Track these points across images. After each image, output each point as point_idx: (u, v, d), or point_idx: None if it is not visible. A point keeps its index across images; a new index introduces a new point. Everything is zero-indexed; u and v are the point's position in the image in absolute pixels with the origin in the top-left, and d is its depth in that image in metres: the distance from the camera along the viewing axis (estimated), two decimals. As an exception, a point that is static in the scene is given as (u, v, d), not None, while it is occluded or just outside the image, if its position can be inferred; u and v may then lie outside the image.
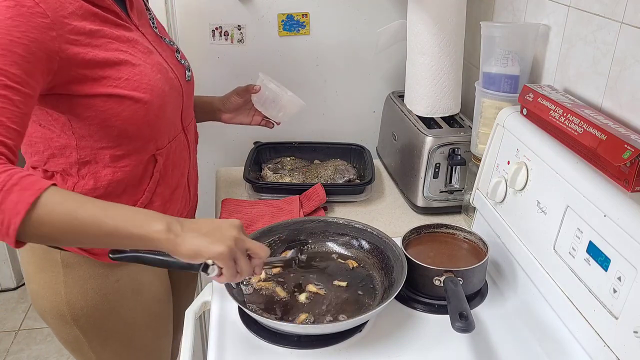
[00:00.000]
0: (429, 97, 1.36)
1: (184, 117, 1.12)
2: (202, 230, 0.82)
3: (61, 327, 1.11)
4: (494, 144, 1.13)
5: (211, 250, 0.79)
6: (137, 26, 1.03)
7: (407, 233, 1.09)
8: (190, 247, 0.79)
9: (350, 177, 1.45)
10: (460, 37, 1.33)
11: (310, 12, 1.54)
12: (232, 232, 0.83)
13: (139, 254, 1.02)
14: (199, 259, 0.80)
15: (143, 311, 1.15)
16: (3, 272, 2.71)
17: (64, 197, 0.78)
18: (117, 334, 1.14)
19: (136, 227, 0.79)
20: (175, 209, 1.14)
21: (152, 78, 0.98)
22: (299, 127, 1.67)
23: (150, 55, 1.01)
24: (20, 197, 0.74)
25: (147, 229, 0.79)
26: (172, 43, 1.14)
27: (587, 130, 0.87)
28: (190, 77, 1.14)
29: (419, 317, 1.00)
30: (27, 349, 2.39)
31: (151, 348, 1.22)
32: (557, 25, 1.11)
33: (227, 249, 0.80)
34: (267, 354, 0.92)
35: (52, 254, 1.05)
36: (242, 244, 0.83)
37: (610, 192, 0.82)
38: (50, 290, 1.07)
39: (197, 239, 0.80)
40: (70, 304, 1.07)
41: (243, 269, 0.83)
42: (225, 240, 0.81)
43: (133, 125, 0.97)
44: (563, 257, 0.90)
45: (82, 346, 1.14)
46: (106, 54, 0.92)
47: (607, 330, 0.79)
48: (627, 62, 0.92)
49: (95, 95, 0.92)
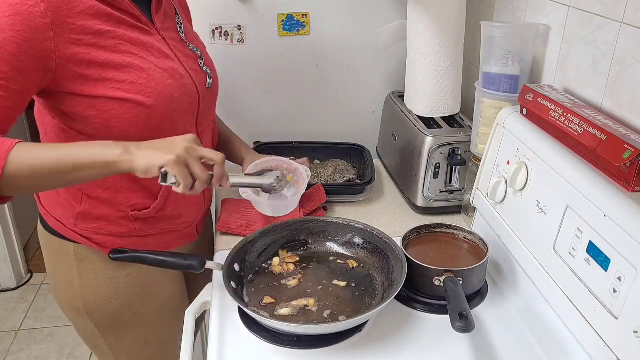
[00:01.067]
0: (429, 97, 1.36)
1: (200, 123, 1.11)
2: (155, 146, 0.89)
3: (78, 320, 1.16)
4: (494, 144, 1.13)
5: (161, 158, 0.86)
6: (158, 30, 1.04)
7: (407, 233, 1.09)
8: (144, 161, 0.86)
9: (350, 177, 1.45)
10: (460, 37, 1.33)
11: (310, 12, 1.54)
12: (184, 143, 0.89)
13: (139, 254, 1.03)
14: (153, 169, 0.86)
15: (155, 307, 1.17)
16: (3, 272, 2.71)
17: (28, 150, 0.85)
18: (131, 328, 1.16)
19: (96, 157, 0.86)
20: (189, 213, 1.16)
21: (161, 83, 0.98)
22: (299, 127, 1.68)
23: (165, 60, 1.01)
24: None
25: (106, 155, 0.86)
26: (196, 50, 1.13)
27: (587, 130, 0.87)
28: (211, 84, 1.14)
29: (419, 317, 1.00)
30: (27, 349, 2.39)
31: (167, 345, 1.23)
32: (557, 25, 1.11)
33: (176, 156, 0.86)
34: (267, 354, 0.92)
35: (66, 248, 1.09)
36: (195, 152, 0.89)
37: (610, 192, 0.82)
38: (66, 283, 1.12)
39: (150, 152, 0.87)
40: (84, 297, 1.11)
41: (198, 175, 0.89)
42: (175, 149, 0.88)
43: (134, 127, 0.97)
44: (563, 257, 0.90)
45: (98, 341, 1.17)
46: (111, 56, 0.94)
47: (607, 330, 0.79)
48: (627, 62, 0.92)
49: (97, 96, 0.94)
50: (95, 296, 1.11)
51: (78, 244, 1.08)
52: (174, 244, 1.18)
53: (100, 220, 1.07)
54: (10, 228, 2.68)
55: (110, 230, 1.08)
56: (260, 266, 1.09)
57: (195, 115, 1.09)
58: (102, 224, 1.07)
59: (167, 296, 1.20)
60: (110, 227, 1.08)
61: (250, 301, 1.00)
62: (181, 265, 1.02)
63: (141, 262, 1.02)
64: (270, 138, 1.59)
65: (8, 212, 2.64)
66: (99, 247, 1.08)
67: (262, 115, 1.65)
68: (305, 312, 0.97)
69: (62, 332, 2.48)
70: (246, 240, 1.08)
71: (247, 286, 1.04)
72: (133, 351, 1.20)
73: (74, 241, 1.09)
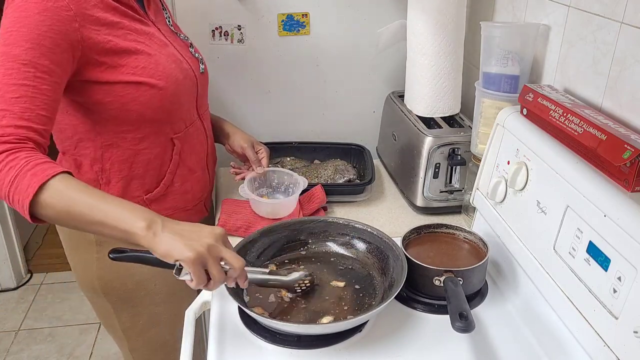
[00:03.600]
0: (429, 97, 1.36)
1: (199, 105, 1.20)
2: (180, 232, 0.85)
3: (94, 299, 1.24)
4: (494, 144, 1.13)
5: (180, 253, 0.82)
6: (153, 22, 1.12)
7: (407, 233, 1.09)
8: (164, 247, 0.83)
9: (350, 177, 1.45)
10: (460, 37, 1.33)
11: (310, 12, 1.54)
12: (209, 239, 0.84)
13: (139, 254, 1.03)
14: (169, 259, 0.83)
15: (167, 286, 1.23)
16: (3, 272, 2.71)
17: (67, 186, 0.86)
18: (143, 307, 1.23)
19: (121, 222, 0.85)
20: (196, 189, 1.23)
21: (167, 67, 1.07)
22: (299, 127, 1.68)
23: (166, 47, 1.10)
24: (30, 182, 0.83)
25: (130, 225, 0.84)
26: (186, 38, 1.22)
27: (587, 130, 0.87)
28: (204, 69, 1.22)
29: (419, 317, 1.00)
30: (27, 349, 2.39)
31: (176, 327, 1.24)
32: (557, 25, 1.11)
33: (196, 254, 0.82)
34: (267, 354, 0.92)
35: (87, 235, 1.15)
36: (216, 252, 0.84)
37: (610, 192, 0.82)
38: (85, 265, 1.19)
39: (171, 240, 0.83)
40: (101, 278, 1.18)
41: (214, 277, 0.84)
42: (197, 245, 0.82)
43: (149, 109, 1.05)
44: (563, 257, 0.90)
45: (113, 321, 1.25)
46: (125, 44, 1.01)
47: (607, 330, 0.79)
48: (627, 62, 0.92)
49: (115, 82, 1.01)
50: (111, 276, 1.18)
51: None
52: (188, 222, 1.21)
53: None
54: (10, 228, 2.68)
55: None
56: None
57: (195, 98, 1.18)
58: None
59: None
60: None
61: (250, 301, 1.00)
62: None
63: (141, 262, 1.02)
64: (270, 138, 1.59)
65: (8, 212, 2.64)
66: None
67: (262, 115, 1.65)
68: (305, 312, 0.97)
69: (62, 332, 2.48)
70: (246, 240, 1.08)
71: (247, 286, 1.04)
72: (144, 331, 1.26)
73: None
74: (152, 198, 1.15)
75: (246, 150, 1.31)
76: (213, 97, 1.58)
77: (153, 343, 1.29)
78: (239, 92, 1.61)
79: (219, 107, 1.59)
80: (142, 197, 1.14)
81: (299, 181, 1.29)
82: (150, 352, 1.30)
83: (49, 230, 3.18)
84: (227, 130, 1.34)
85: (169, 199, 1.18)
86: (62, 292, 2.72)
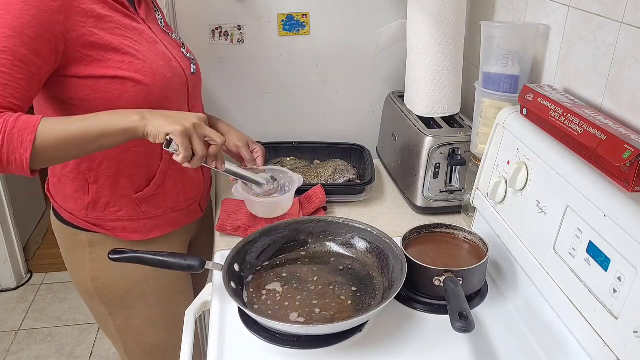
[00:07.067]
0: (429, 97, 1.36)
1: (192, 106, 1.20)
2: (168, 114, 0.97)
3: (90, 302, 1.24)
4: (494, 144, 1.13)
5: (169, 126, 0.93)
6: (144, 20, 1.12)
7: (407, 233, 1.09)
8: (155, 125, 0.93)
9: (350, 177, 1.45)
10: (460, 37, 1.33)
11: (310, 12, 1.54)
12: (193, 118, 0.97)
13: (138, 254, 1.03)
14: (160, 135, 0.93)
15: (162, 287, 1.23)
16: (3, 272, 2.71)
17: (54, 123, 0.91)
18: (137, 309, 1.23)
19: (117, 125, 0.93)
20: (189, 190, 1.23)
21: (155, 64, 1.06)
22: (299, 127, 1.67)
23: (155, 45, 1.10)
24: (22, 137, 0.88)
25: (125, 122, 0.93)
26: (178, 38, 1.22)
27: (587, 130, 0.87)
28: (195, 70, 1.21)
29: (419, 317, 1.00)
30: (27, 349, 2.39)
31: (172, 328, 1.27)
32: (557, 25, 1.11)
33: (183, 128, 0.93)
34: (267, 354, 0.92)
35: (80, 236, 1.17)
36: (200, 129, 0.97)
37: (610, 192, 0.82)
38: (79, 267, 1.20)
39: (162, 119, 0.95)
40: (95, 280, 1.19)
41: (197, 150, 0.96)
42: (184, 121, 0.95)
43: (135, 106, 1.04)
44: (563, 257, 0.90)
45: (108, 323, 1.26)
46: (111, 38, 1.01)
47: (607, 330, 0.79)
48: (627, 62, 0.92)
49: (100, 76, 1.00)
50: (105, 278, 1.19)
51: (91, 232, 1.16)
52: (181, 222, 1.25)
53: (109, 208, 1.14)
54: (10, 228, 2.68)
55: (120, 216, 1.16)
56: (259, 270, 1.09)
57: (186, 98, 1.17)
58: (110, 210, 1.15)
59: (175, 277, 1.25)
60: (119, 213, 1.15)
61: (250, 301, 1.00)
62: (181, 265, 1.02)
63: (140, 263, 1.02)
64: (270, 138, 1.59)
65: (8, 213, 2.64)
66: (111, 233, 1.16)
67: (262, 115, 1.65)
68: (305, 312, 0.97)
69: (62, 332, 2.48)
70: (246, 240, 1.08)
71: (247, 287, 1.04)
72: (139, 333, 1.26)
73: (87, 230, 1.16)
74: (142, 197, 1.15)
75: (241, 150, 1.30)
76: (213, 97, 1.58)
77: (148, 344, 1.29)
78: (239, 92, 1.61)
79: (219, 107, 1.59)
80: (131, 196, 1.14)
81: (294, 179, 1.29)
82: (146, 353, 1.30)
83: (49, 231, 3.17)
84: (222, 129, 1.33)
85: (161, 198, 1.18)
86: (62, 292, 2.72)
